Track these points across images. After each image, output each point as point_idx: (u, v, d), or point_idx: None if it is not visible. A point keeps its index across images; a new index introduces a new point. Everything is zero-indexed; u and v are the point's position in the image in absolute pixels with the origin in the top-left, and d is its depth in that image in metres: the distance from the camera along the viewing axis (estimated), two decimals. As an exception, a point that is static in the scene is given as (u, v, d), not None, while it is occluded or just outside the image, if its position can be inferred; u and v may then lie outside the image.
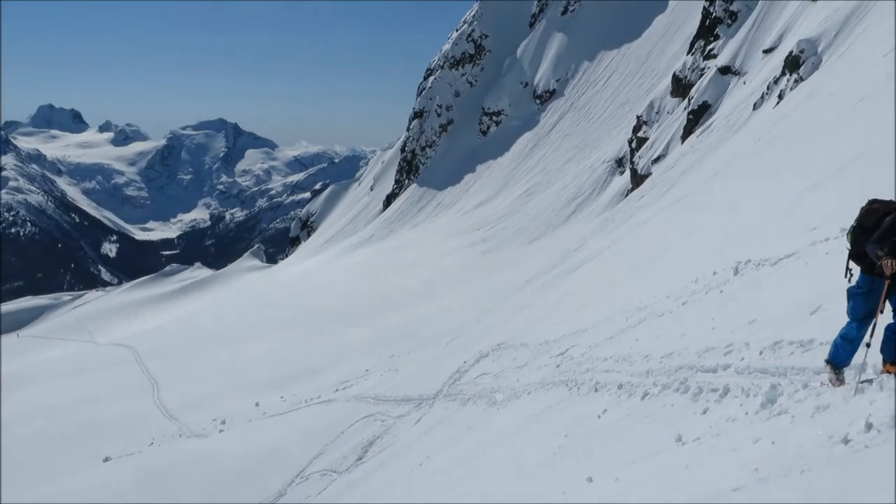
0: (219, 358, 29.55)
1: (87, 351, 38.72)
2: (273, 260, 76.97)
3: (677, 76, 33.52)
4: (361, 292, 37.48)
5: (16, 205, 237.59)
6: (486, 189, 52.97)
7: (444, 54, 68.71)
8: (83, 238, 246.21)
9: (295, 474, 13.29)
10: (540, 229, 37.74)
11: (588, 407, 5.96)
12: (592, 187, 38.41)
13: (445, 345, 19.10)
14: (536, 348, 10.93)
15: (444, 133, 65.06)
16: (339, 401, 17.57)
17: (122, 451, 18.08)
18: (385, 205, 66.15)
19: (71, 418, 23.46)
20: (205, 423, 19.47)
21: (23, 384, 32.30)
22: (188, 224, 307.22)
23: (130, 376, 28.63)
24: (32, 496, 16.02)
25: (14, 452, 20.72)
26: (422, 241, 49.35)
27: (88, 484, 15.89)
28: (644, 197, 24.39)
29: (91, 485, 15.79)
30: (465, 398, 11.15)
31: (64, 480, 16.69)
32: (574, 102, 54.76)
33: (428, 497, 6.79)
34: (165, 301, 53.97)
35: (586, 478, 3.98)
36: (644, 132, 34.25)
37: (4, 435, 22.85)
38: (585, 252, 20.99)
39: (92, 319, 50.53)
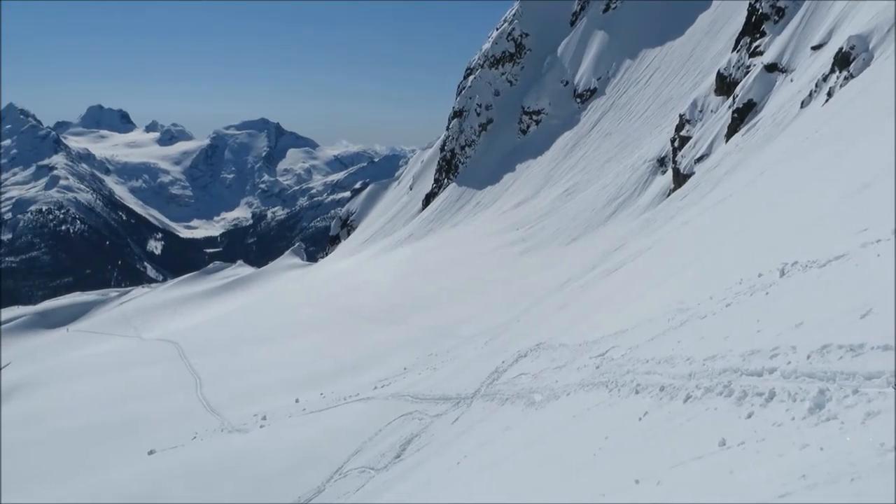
0: (260, 354, 29.99)
1: (133, 346, 39.65)
2: (313, 258, 77.80)
3: (722, 74, 32.92)
4: (400, 291, 37.65)
5: (66, 203, 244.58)
6: (526, 188, 52.74)
7: (484, 53, 68.63)
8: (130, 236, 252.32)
9: (333, 471, 13.42)
10: (579, 229, 37.43)
11: (629, 409, 5.89)
12: (633, 187, 37.96)
13: (483, 344, 19.08)
14: (576, 349, 10.84)
15: (484, 132, 64.98)
16: (377, 399, 17.67)
17: (166, 444, 18.47)
18: (424, 204, 66.34)
19: (117, 411, 24.06)
20: (246, 419, 19.76)
21: (72, 377, 33.25)
22: (231, 222, 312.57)
23: (174, 371, 29.22)
24: (80, 486, 16.46)
25: (63, 443, 21.35)
26: (460, 240, 49.37)
27: (134, 475, 16.28)
28: (686, 197, 24.00)
29: (136, 476, 16.17)
30: (504, 398, 11.12)
31: (110, 471, 17.13)
32: (615, 101, 54.18)
33: (465, 496, 6.79)
34: (208, 298, 54.97)
35: (627, 480, 3.93)
36: (687, 131, 33.71)
37: (54, 426, 23.56)
38: (626, 252, 20.75)
39: (138, 315, 51.73)
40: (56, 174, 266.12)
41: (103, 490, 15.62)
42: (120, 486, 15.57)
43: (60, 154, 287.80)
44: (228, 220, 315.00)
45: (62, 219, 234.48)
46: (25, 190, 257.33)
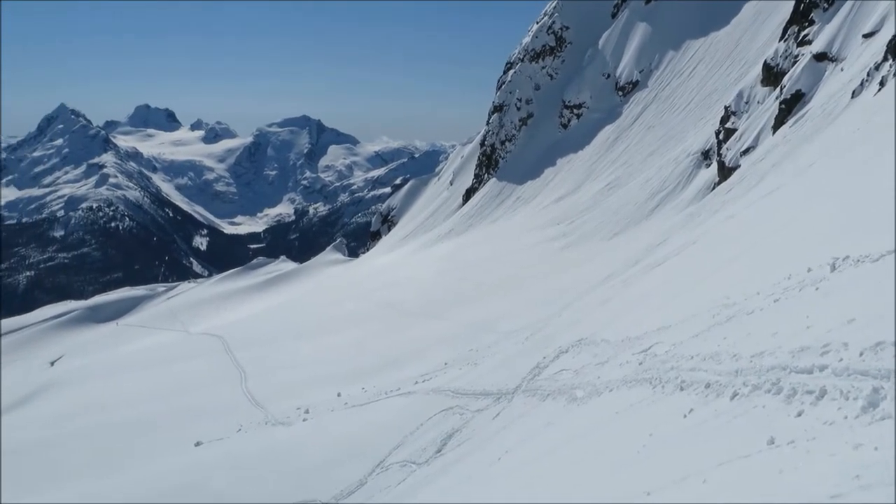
0: (302, 349, 30.36)
1: (180, 340, 40.50)
2: (355, 254, 78.46)
3: (768, 64, 32.15)
4: (441, 286, 37.72)
5: (115, 200, 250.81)
6: (567, 183, 52.32)
7: (524, 47, 68.22)
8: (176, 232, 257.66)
9: (375, 464, 13.52)
10: (622, 224, 36.98)
11: (673, 406, 5.80)
12: (677, 181, 37.34)
13: (524, 340, 19.00)
14: (618, 345, 10.73)
15: (524, 127, 64.63)
16: (418, 393, 17.75)
17: (212, 436, 18.83)
18: (464, 199, 66.31)
19: (165, 403, 24.63)
20: (289, 412, 20.03)
21: (122, 370, 34.14)
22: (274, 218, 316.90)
23: (220, 365, 29.76)
24: (128, 475, 16.90)
25: (113, 434, 21.94)
26: (501, 235, 49.23)
27: (181, 466, 16.65)
28: (732, 190, 23.52)
29: (183, 467, 16.53)
30: (545, 394, 11.06)
31: (158, 462, 17.55)
32: (658, 93, 53.35)
33: (507, 492, 6.77)
34: (252, 293, 55.86)
35: (672, 478, 3.87)
36: (732, 123, 33.02)
37: (105, 417, 24.23)
38: (669, 247, 20.43)
39: (184, 310, 52.82)
40: (105, 172, 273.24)
41: (151, 480, 16.01)
42: (167, 477, 15.94)
43: (110, 153, 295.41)
44: (271, 217, 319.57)
45: (112, 216, 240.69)
46: (77, 188, 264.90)
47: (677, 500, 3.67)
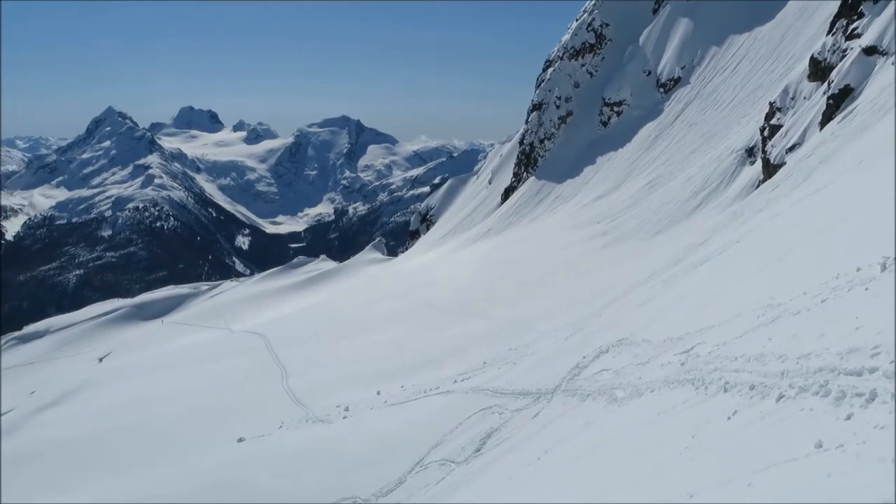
0: (342, 347, 30.61)
1: (223, 338, 41.20)
2: (394, 253, 78.83)
3: (815, 59, 31.38)
4: (480, 285, 37.69)
5: (160, 200, 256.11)
6: (607, 181, 51.80)
7: (563, 45, 67.74)
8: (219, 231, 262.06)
9: (414, 462, 13.58)
10: (663, 222, 36.47)
11: (716, 407, 5.71)
12: (720, 178, 36.69)
13: (564, 339, 18.87)
14: (659, 345, 10.58)
15: (564, 125, 64.18)
16: (457, 392, 17.76)
17: (254, 432, 19.12)
18: (503, 198, 66.13)
19: (209, 400, 25.09)
20: (329, 410, 20.23)
21: (167, 367, 34.87)
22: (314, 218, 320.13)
23: (261, 362, 30.19)
24: (172, 469, 17.25)
25: (158, 429, 22.43)
26: (540, 234, 48.98)
27: (223, 462, 16.94)
28: (777, 188, 23.02)
29: (226, 462, 16.82)
30: (585, 394, 10.98)
31: (202, 457, 17.88)
32: (700, 90, 52.48)
33: (546, 492, 6.74)
34: (293, 291, 56.53)
35: (716, 480, 3.81)
36: (778, 119, 32.31)
37: (150, 413, 24.78)
38: (712, 246, 20.09)
39: (227, 308, 53.72)
40: (151, 173, 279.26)
41: (194, 474, 16.31)
42: (210, 472, 16.24)
43: (155, 154, 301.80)
44: (311, 216, 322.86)
45: (157, 216, 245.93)
46: (123, 188, 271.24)
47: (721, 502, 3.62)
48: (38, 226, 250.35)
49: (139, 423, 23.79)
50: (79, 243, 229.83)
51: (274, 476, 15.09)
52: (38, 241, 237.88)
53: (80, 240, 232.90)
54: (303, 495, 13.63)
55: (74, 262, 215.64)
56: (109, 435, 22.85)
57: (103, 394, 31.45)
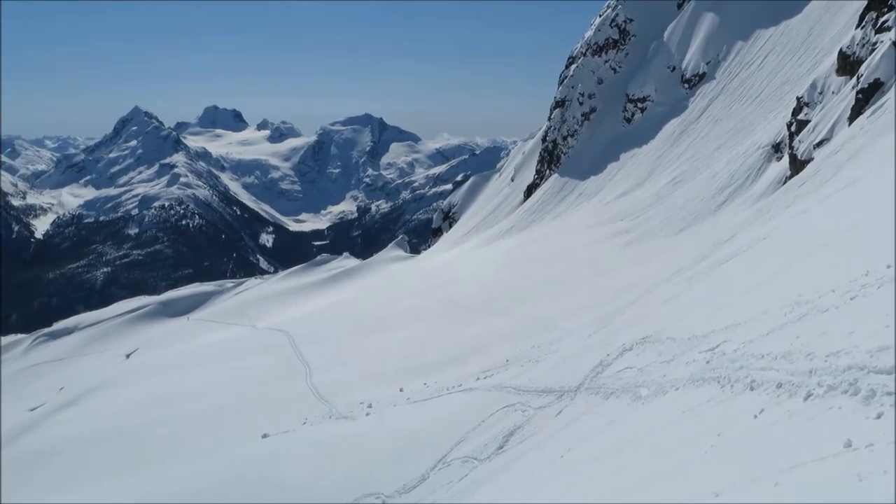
0: (365, 344, 30.72)
1: (248, 335, 41.55)
2: (416, 250, 78.97)
3: (844, 52, 30.86)
4: (502, 283, 37.62)
5: (186, 199, 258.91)
6: (630, 178, 51.42)
7: (586, 41, 67.33)
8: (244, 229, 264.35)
9: (437, 459, 13.59)
10: (687, 219, 36.11)
11: (743, 406, 5.64)
12: (746, 175, 36.23)
13: (587, 337, 18.77)
14: (684, 343, 10.48)
15: (587, 122, 63.81)
16: (480, 390, 17.75)
17: (279, 428, 19.26)
18: (526, 195, 65.93)
19: (234, 396, 25.34)
20: (353, 406, 20.32)
21: (193, 363, 35.26)
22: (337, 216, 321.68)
23: (285, 359, 30.41)
24: (198, 465, 17.44)
25: (184, 425, 22.69)
26: (563, 231, 48.78)
27: (249, 458, 17.10)
28: (805, 184, 22.69)
29: (251, 459, 16.97)
30: (608, 392, 10.91)
31: (227, 453, 18.05)
32: (726, 85, 51.86)
33: (569, 490, 6.71)
34: (316, 289, 56.84)
35: (742, 479, 3.76)
36: (805, 114, 31.84)
37: (177, 409, 25.08)
38: (738, 243, 19.85)
39: (251, 305, 54.17)
40: (176, 172, 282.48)
41: (219, 470, 16.48)
42: (235, 467, 16.39)
43: (180, 153, 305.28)
44: (334, 214, 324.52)
45: (182, 214, 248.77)
46: (150, 187, 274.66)
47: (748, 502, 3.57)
48: (66, 224, 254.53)
49: (165, 418, 24.09)
50: (106, 241, 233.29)
51: (298, 472, 15.20)
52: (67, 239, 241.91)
53: (107, 238, 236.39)
54: (326, 491, 13.71)
55: (102, 260, 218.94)
56: (135, 430, 23.18)
57: (130, 390, 31.89)
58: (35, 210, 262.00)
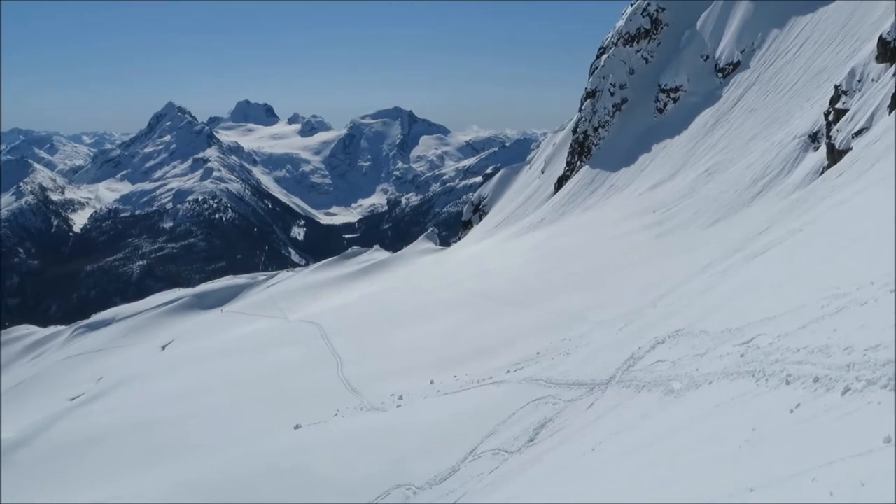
0: (395, 336, 30.86)
1: (280, 327, 42.01)
2: (446, 243, 79.02)
3: (884, 39, 30.09)
4: (532, 275, 37.49)
5: (219, 193, 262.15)
6: (662, 169, 50.82)
7: (617, 31, 66.55)
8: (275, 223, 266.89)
9: (468, 452, 13.62)
10: (721, 211, 35.59)
11: (778, 400, 5.55)
12: (781, 165, 35.57)
13: (618, 330, 18.63)
14: (718, 336, 10.35)
15: (618, 112, 63.14)
16: (510, 382, 17.73)
17: (310, 419, 19.45)
18: (556, 187, 65.54)
19: (266, 387, 25.64)
20: (383, 398, 20.43)
21: (226, 355, 35.77)
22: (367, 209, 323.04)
23: (317, 351, 30.67)
24: (233, 455, 17.70)
25: (219, 415, 23.05)
26: (594, 223, 48.41)
27: (281, 448, 17.31)
28: (843, 174, 22.22)
29: (284, 449, 17.18)
30: (640, 385, 10.82)
31: (261, 442, 18.30)
32: (761, 74, 50.91)
33: (601, 483, 6.68)
34: (347, 281, 57.23)
35: (778, 475, 3.71)
36: (843, 103, 31.13)
37: (212, 399, 25.47)
38: (773, 235, 19.53)
39: (283, 298, 54.74)
40: (210, 166, 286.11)
41: (252, 459, 16.71)
42: (268, 457, 16.61)
43: (213, 147, 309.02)
44: (365, 207, 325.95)
45: (216, 207, 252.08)
46: (183, 181, 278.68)
47: (783, 498, 3.52)
48: (103, 218, 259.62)
49: (198, 409, 24.48)
50: (142, 235, 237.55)
51: (329, 463, 15.34)
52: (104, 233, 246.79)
53: (142, 231, 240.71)
54: (357, 482, 13.83)
55: (138, 253, 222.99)
56: (169, 420, 23.60)
57: (165, 380, 32.47)
58: (73, 204, 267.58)
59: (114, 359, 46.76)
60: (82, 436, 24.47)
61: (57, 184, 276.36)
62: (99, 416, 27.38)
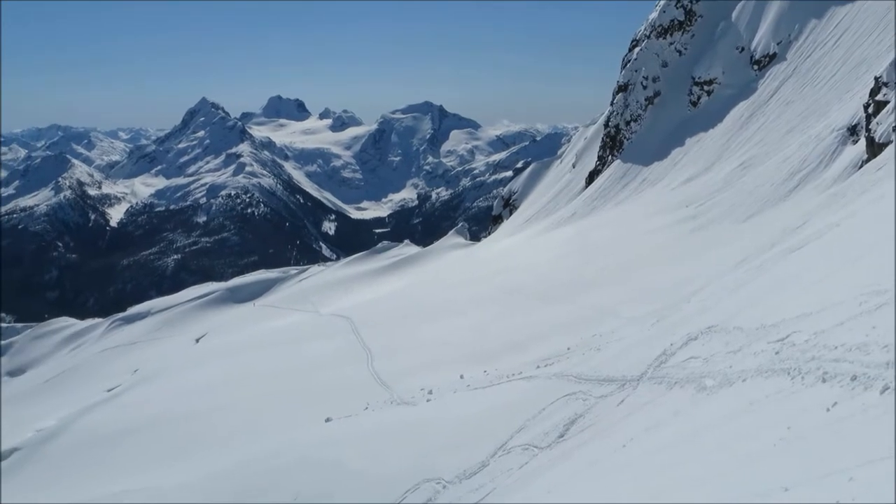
0: (425, 331, 30.93)
1: (311, 320, 42.37)
2: (476, 237, 78.94)
3: (927, 29, 29.27)
4: (563, 270, 37.30)
5: (251, 188, 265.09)
6: (696, 163, 50.13)
7: (650, 23, 65.73)
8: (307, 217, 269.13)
9: (497, 446, 13.61)
10: (757, 205, 34.99)
11: (814, 399, 5.45)
12: (819, 159, 34.85)
13: (650, 326, 18.45)
14: (752, 333, 10.19)
15: (651, 106, 62.40)
16: (540, 377, 17.67)
17: (341, 412, 19.62)
18: (587, 182, 65.04)
19: (298, 380, 25.91)
20: (413, 392, 20.52)
21: (258, 348, 36.20)
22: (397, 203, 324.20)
23: (348, 345, 30.88)
24: (265, 446, 17.92)
25: (252, 407, 23.35)
26: (625, 218, 47.96)
27: (312, 441, 17.49)
28: (883, 168, 21.72)
29: (315, 441, 17.36)
30: (672, 382, 10.71)
31: (292, 434, 18.50)
32: (798, 66, 49.90)
33: (634, 479, 6.63)
34: (378, 276, 57.48)
35: (813, 474, 3.64)
36: (884, 95, 30.39)
37: (245, 391, 25.81)
38: (810, 229, 19.17)
39: (314, 292, 55.17)
40: (242, 161, 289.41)
41: (283, 452, 16.90)
42: (299, 449, 16.80)
43: (246, 143, 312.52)
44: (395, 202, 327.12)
45: (248, 202, 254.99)
46: (217, 176, 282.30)
47: (819, 498, 3.45)
48: (139, 213, 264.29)
49: (232, 401, 24.83)
50: (176, 229, 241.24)
51: (359, 455, 15.45)
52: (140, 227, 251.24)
53: (177, 226, 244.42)
54: (387, 475, 13.92)
55: (172, 248, 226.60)
56: (202, 412, 23.97)
57: (199, 372, 32.96)
58: (110, 199, 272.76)
59: (149, 351, 47.62)
60: (119, 426, 24.99)
61: (94, 179, 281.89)
62: (134, 407, 27.92)
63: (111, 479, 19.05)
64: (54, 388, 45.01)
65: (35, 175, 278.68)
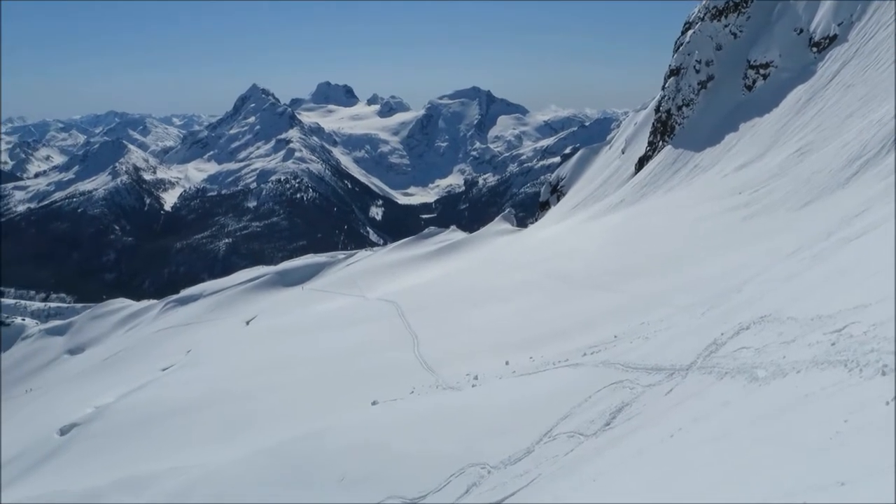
0: (471, 316, 30.96)
1: (358, 304, 42.83)
2: (523, 224, 78.52)
3: None
4: (611, 257, 36.86)
5: (300, 173, 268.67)
6: (751, 149, 48.83)
7: (704, 5, 64.11)
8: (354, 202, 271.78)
9: (542, 433, 13.57)
10: (813, 192, 33.94)
11: (873, 392, 5.29)
12: (881, 145, 33.54)
13: (700, 315, 18.11)
14: (807, 323, 9.92)
15: (704, 90, 60.97)
16: (586, 365, 17.54)
17: (387, 396, 19.82)
18: (637, 168, 64.03)
19: (346, 363, 26.25)
20: (459, 377, 20.59)
21: (307, 331, 36.79)
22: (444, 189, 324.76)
23: (394, 329, 31.14)
24: (314, 425, 18.22)
25: (299, 389, 23.77)
26: (676, 205, 47.08)
27: (359, 423, 17.73)
28: (949, 154, 20.81)
29: (361, 424, 17.59)
30: (722, 372, 10.51)
31: (338, 417, 18.78)
32: (860, 48, 48.06)
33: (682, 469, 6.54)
34: (424, 261, 57.74)
35: (871, 468, 3.54)
36: (952, 78, 29.09)
37: (296, 374, 26.28)
38: (870, 218, 18.52)
39: (362, 276, 55.73)
40: (291, 147, 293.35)
41: (331, 434, 17.16)
42: (346, 432, 17.04)
43: (295, 129, 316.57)
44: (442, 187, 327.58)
45: (297, 187, 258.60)
46: (267, 162, 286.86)
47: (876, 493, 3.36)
48: (192, 197, 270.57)
49: (280, 382, 25.31)
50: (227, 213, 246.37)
51: (405, 439, 15.60)
52: (193, 211, 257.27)
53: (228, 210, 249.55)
54: (432, 459, 14.02)
55: (224, 232, 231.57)
56: (252, 392, 24.50)
57: (249, 354, 33.68)
58: (164, 184, 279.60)
59: (202, 332, 48.81)
60: (171, 405, 25.73)
61: (149, 164, 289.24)
62: (186, 387, 28.70)
63: (163, 455, 19.65)
64: (111, 366, 46.57)
65: (93, 160, 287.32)
